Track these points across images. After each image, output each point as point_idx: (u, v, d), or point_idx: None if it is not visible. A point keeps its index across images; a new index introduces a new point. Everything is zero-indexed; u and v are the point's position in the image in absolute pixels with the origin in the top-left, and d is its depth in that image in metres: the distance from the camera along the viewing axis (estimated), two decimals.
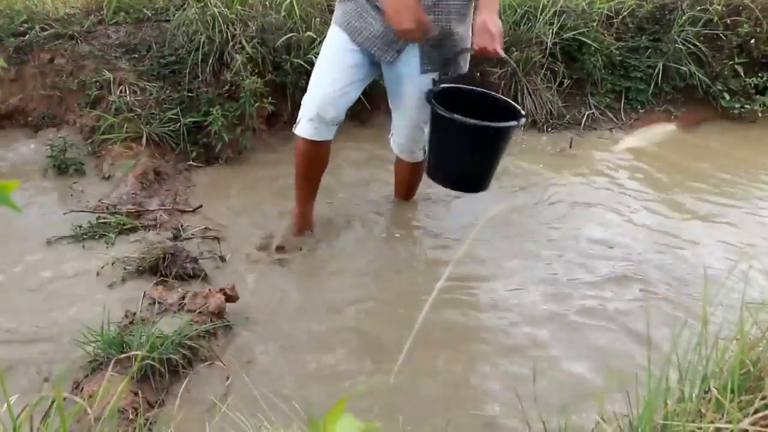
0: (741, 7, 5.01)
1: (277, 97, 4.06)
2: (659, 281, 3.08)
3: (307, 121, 3.02)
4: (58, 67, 3.99)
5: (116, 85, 3.87)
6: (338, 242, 3.29)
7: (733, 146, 4.60)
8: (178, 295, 2.75)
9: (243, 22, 3.99)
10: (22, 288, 2.86)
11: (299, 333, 2.70)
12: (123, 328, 2.50)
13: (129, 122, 3.74)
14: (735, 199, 3.89)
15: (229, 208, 3.51)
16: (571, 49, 4.76)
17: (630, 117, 4.79)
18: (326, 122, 3.01)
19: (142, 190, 3.53)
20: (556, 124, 4.60)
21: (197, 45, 3.94)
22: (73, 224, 3.23)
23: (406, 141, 3.27)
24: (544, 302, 2.93)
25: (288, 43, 4.05)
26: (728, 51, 4.99)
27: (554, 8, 4.66)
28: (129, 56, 4.03)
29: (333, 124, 3.04)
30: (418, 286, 3.00)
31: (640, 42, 4.92)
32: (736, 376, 1.55)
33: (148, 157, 3.70)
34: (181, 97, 3.89)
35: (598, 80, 4.82)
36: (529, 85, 4.58)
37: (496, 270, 3.14)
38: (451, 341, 2.69)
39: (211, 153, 3.85)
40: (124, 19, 4.24)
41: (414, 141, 3.25)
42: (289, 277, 3.03)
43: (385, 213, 3.58)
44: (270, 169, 3.86)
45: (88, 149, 3.80)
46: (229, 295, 2.75)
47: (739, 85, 4.96)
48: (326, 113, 2.98)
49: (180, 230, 3.25)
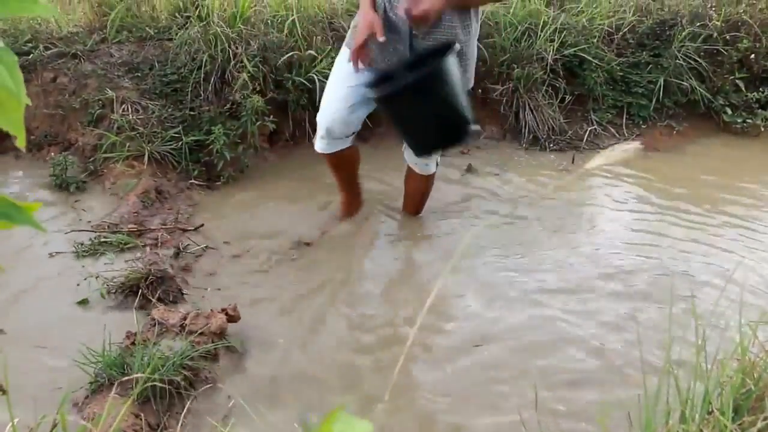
0: (740, 23, 5.03)
1: (279, 116, 4.08)
2: (657, 298, 3.07)
3: (320, 138, 3.21)
4: (61, 85, 4.01)
5: (119, 104, 3.89)
6: (339, 256, 3.30)
7: (736, 161, 4.60)
8: (180, 316, 2.74)
9: (245, 40, 4.01)
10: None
11: (300, 352, 2.69)
12: (124, 349, 2.49)
13: (131, 141, 3.75)
14: (737, 215, 3.88)
15: (230, 226, 3.51)
16: (572, 66, 4.78)
17: (632, 132, 4.79)
18: (337, 137, 3.17)
19: (144, 209, 3.53)
20: (558, 140, 4.60)
21: (199, 64, 3.96)
22: (75, 242, 3.24)
23: (415, 156, 3.27)
24: (536, 321, 2.92)
25: (289, 62, 4.07)
26: (728, 66, 5.00)
27: (555, 25, 4.68)
28: (131, 75, 4.05)
29: (345, 137, 3.19)
30: (411, 302, 3.01)
31: (640, 57, 4.94)
32: (737, 395, 1.54)
33: (150, 176, 3.70)
34: (183, 116, 3.90)
35: (599, 96, 4.82)
36: (531, 101, 4.59)
37: (490, 285, 3.14)
38: (443, 359, 2.69)
39: (213, 171, 3.85)
40: (127, 37, 4.26)
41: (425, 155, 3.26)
42: (287, 295, 3.03)
43: (390, 225, 3.60)
44: (271, 186, 3.87)
45: (90, 168, 3.81)
46: (231, 315, 2.74)
47: (740, 99, 4.98)
48: (335, 131, 3.13)
49: (181, 249, 3.25)
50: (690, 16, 5.01)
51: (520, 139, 4.60)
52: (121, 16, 4.29)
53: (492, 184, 4.07)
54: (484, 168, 4.22)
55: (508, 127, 4.66)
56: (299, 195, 3.82)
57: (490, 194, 3.98)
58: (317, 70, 4.03)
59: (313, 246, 3.38)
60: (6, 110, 0.90)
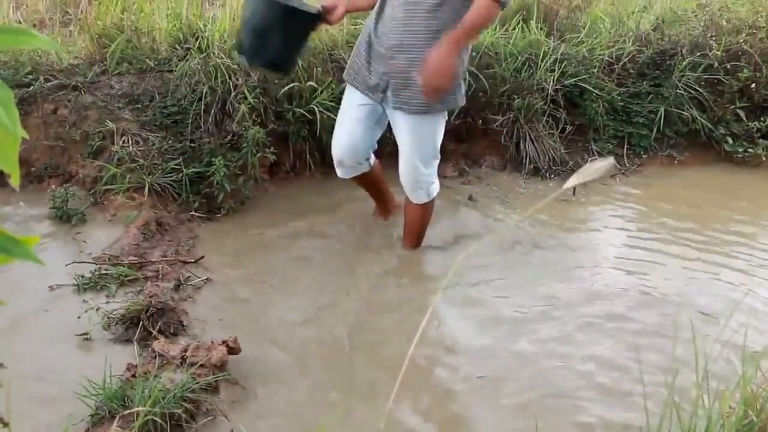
0: (740, 53, 5.04)
1: (279, 147, 4.07)
2: (658, 326, 3.06)
3: (335, 166, 3.49)
4: (62, 117, 4.00)
5: (119, 136, 3.88)
6: (337, 283, 3.28)
7: (737, 190, 4.60)
8: (181, 348, 2.73)
9: (245, 72, 4.01)
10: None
11: (299, 383, 2.68)
12: (125, 382, 2.48)
13: (131, 172, 3.74)
14: (739, 244, 3.87)
15: (231, 258, 3.49)
16: (573, 96, 4.78)
17: (633, 163, 4.79)
18: (349, 166, 3.44)
19: (144, 241, 3.52)
20: (559, 170, 4.59)
21: (200, 95, 3.95)
22: (75, 274, 3.21)
23: (403, 178, 3.35)
24: (534, 350, 2.91)
25: (290, 93, 4.07)
26: (729, 95, 5.01)
27: (555, 55, 4.69)
28: (132, 106, 4.05)
29: (357, 164, 3.45)
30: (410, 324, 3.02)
31: (641, 87, 4.94)
32: (740, 427, 1.51)
33: (151, 208, 3.69)
34: (184, 147, 3.89)
35: (600, 126, 4.82)
36: (531, 131, 4.59)
37: (486, 310, 3.16)
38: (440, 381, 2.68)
39: (213, 203, 3.83)
40: (127, 69, 4.27)
41: (410, 179, 3.32)
42: (287, 327, 3.02)
43: (388, 254, 3.59)
44: (272, 218, 3.85)
45: (91, 199, 3.79)
46: (232, 347, 2.73)
47: (741, 129, 4.97)
48: (347, 160, 3.41)
49: (182, 281, 3.23)
50: (690, 45, 5.02)
51: (520, 170, 4.58)
52: (122, 48, 4.30)
53: (492, 214, 4.05)
54: (485, 198, 4.20)
55: (509, 158, 4.65)
56: (299, 227, 3.80)
57: (489, 224, 3.96)
58: (318, 101, 4.02)
59: (310, 276, 3.38)
60: (1, 147, 0.87)
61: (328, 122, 4.00)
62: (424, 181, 3.32)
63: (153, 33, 4.41)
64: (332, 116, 3.99)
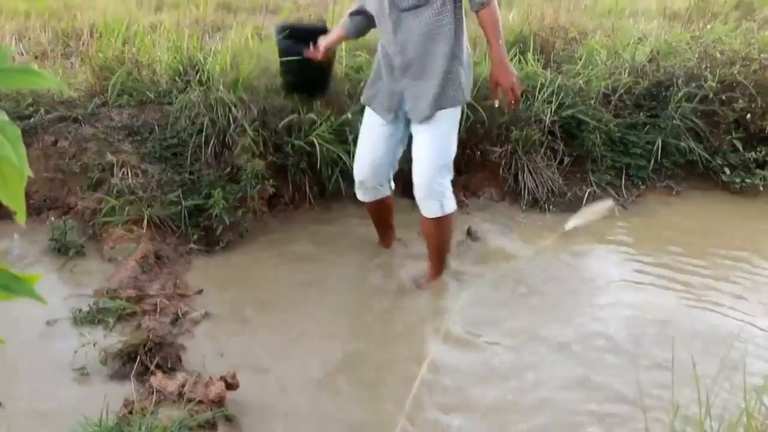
0: (735, 84, 5.07)
1: (279, 179, 4.07)
2: (659, 360, 3.03)
3: (356, 188, 3.63)
4: (62, 149, 4.00)
5: (118, 168, 3.88)
6: (335, 320, 3.25)
7: (737, 221, 4.61)
8: (178, 383, 2.69)
9: (245, 104, 4.02)
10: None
11: (297, 420, 2.65)
12: (122, 419, 2.44)
13: (130, 205, 3.74)
14: (738, 275, 3.86)
15: (229, 292, 3.48)
16: (570, 127, 4.79)
17: (631, 193, 4.79)
18: (370, 188, 3.58)
19: (143, 274, 3.50)
20: (558, 202, 4.60)
21: (199, 127, 3.97)
22: (73, 308, 3.20)
23: (418, 187, 3.38)
24: (536, 388, 2.88)
25: (289, 125, 4.08)
26: (725, 126, 5.04)
27: (552, 87, 4.71)
28: (131, 138, 4.06)
29: (379, 186, 3.58)
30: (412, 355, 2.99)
31: (638, 118, 4.96)
32: None
33: (149, 240, 3.67)
34: (183, 180, 3.89)
35: (598, 157, 4.82)
36: (530, 163, 4.60)
37: (486, 343, 3.15)
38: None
39: (212, 236, 3.82)
40: (128, 101, 4.29)
41: (424, 186, 3.35)
42: (285, 361, 2.99)
43: (389, 289, 3.57)
44: (271, 251, 3.84)
45: (90, 232, 3.78)
46: (230, 383, 2.70)
47: (738, 159, 4.99)
48: (368, 182, 3.55)
49: (180, 315, 3.21)
50: (685, 77, 5.05)
51: (519, 201, 4.59)
52: (122, 80, 4.32)
53: (492, 246, 4.04)
54: (484, 230, 4.20)
55: (508, 189, 4.66)
56: (298, 260, 3.79)
57: (489, 256, 3.95)
58: (317, 133, 4.03)
59: (309, 310, 3.36)
60: (8, 184, 0.88)
61: (327, 155, 4.02)
62: (437, 190, 3.35)
63: (153, 65, 4.44)
64: (331, 149, 4.00)
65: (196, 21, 5.27)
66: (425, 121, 3.29)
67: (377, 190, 3.60)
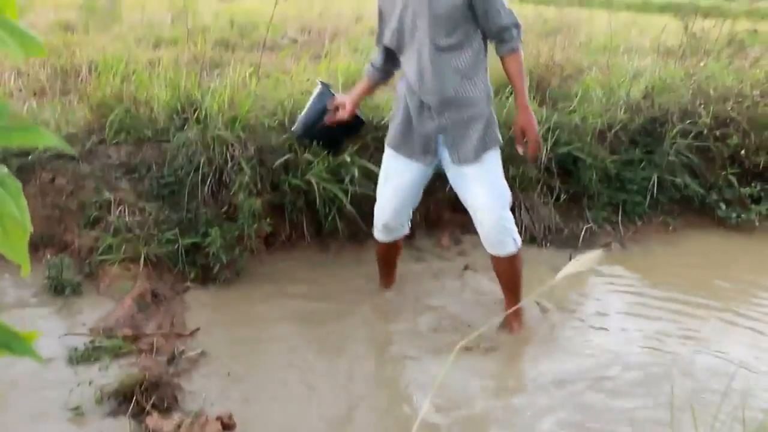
0: (728, 120, 5.12)
1: (276, 218, 4.07)
2: (652, 399, 3.02)
3: (378, 230, 3.61)
4: (59, 186, 4.01)
5: (115, 206, 3.89)
6: (333, 361, 3.24)
7: (734, 256, 4.63)
8: (174, 424, 2.68)
9: (242, 142, 4.03)
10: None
11: None
12: None
13: (127, 243, 3.73)
14: (737, 313, 3.85)
15: (226, 331, 3.46)
16: (566, 164, 4.81)
17: (628, 230, 4.80)
18: (393, 228, 3.57)
19: (139, 312, 3.48)
20: (555, 239, 4.60)
21: (196, 165, 3.97)
22: (69, 347, 3.18)
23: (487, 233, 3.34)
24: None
25: (286, 164, 4.08)
26: (720, 162, 5.08)
27: (548, 124, 4.74)
28: (129, 176, 4.06)
29: (401, 225, 3.59)
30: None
31: (633, 155, 4.99)
32: None
33: (146, 278, 3.66)
34: (180, 218, 3.89)
35: (594, 194, 4.84)
36: (526, 201, 4.61)
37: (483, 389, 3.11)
38: None
39: (209, 274, 3.81)
40: (125, 139, 4.29)
41: (495, 229, 3.30)
42: (283, 402, 2.96)
43: (386, 329, 3.54)
44: (268, 289, 3.83)
45: (86, 270, 3.77)
46: (226, 423, 2.68)
47: (733, 195, 5.02)
48: (390, 224, 3.54)
49: (176, 354, 3.19)
50: (680, 113, 5.09)
51: None
52: (120, 117, 4.32)
53: (488, 284, 4.03)
54: (481, 267, 4.19)
55: None
56: (295, 299, 3.78)
57: (485, 294, 3.95)
58: (314, 173, 4.03)
59: (308, 350, 3.34)
60: (10, 238, 0.88)
61: (324, 193, 4.02)
62: (507, 227, 3.32)
63: (151, 103, 4.45)
64: (328, 187, 4.00)
65: (195, 58, 5.30)
66: (470, 164, 3.25)
67: (399, 231, 3.62)
